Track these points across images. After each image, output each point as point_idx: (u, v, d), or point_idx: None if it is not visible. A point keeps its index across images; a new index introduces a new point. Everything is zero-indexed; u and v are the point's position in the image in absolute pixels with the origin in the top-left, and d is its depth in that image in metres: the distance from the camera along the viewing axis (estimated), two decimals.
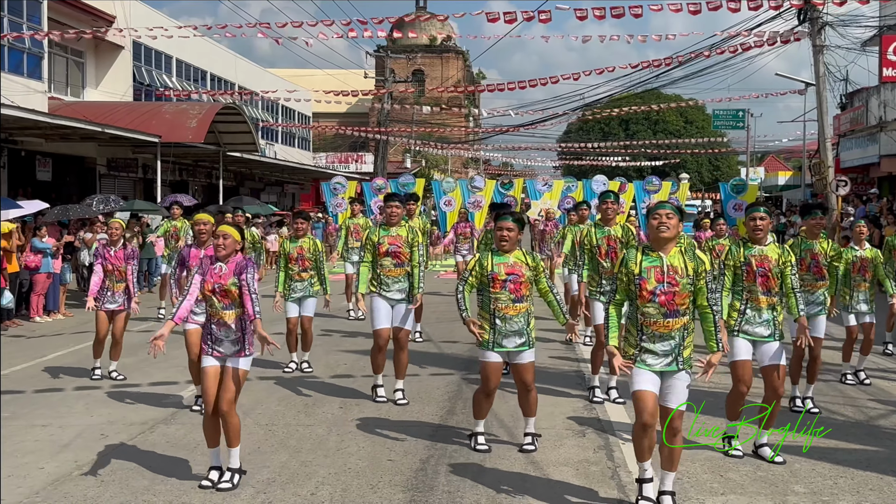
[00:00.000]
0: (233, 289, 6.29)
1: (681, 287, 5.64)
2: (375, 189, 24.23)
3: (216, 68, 40.33)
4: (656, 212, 5.77)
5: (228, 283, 6.29)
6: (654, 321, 5.66)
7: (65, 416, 8.36)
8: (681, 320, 5.66)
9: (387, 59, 50.35)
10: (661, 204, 5.87)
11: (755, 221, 7.04)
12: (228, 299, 6.32)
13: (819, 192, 28.99)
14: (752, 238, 7.08)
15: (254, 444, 7.35)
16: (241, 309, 6.32)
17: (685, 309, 5.68)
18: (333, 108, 42.44)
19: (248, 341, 6.37)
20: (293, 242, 10.28)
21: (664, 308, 5.64)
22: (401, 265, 8.76)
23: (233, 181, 39.43)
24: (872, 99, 31.13)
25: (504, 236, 6.81)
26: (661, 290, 5.63)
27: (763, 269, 6.97)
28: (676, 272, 5.66)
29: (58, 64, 28.51)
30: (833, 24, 23.35)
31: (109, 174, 29.38)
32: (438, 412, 8.53)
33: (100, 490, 6.23)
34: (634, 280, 5.70)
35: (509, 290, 6.77)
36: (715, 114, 50.65)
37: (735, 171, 65.12)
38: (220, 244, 6.31)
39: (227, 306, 6.33)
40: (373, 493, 6.16)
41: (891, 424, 8.20)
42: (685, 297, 5.67)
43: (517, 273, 6.78)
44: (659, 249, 5.73)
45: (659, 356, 5.67)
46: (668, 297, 5.63)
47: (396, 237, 8.77)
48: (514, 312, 6.78)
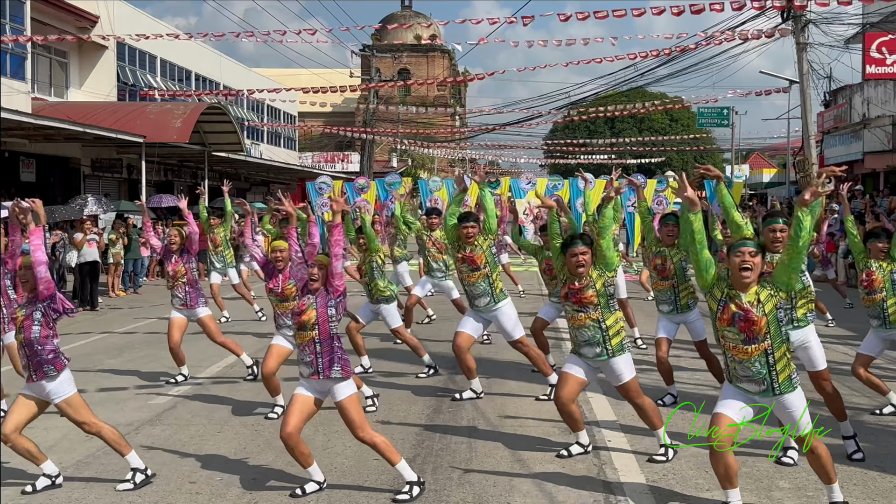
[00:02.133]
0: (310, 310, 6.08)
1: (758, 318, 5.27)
2: (358, 188, 24.20)
3: (201, 68, 40.20)
4: (739, 249, 5.33)
5: (306, 307, 6.08)
6: (733, 346, 5.38)
7: (50, 418, 8.29)
8: (761, 346, 5.30)
9: (372, 58, 50.34)
10: (746, 241, 5.39)
11: (775, 233, 6.84)
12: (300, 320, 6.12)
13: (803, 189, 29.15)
14: (770, 249, 6.79)
15: (240, 444, 7.34)
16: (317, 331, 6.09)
17: (765, 335, 5.29)
18: (319, 108, 42.27)
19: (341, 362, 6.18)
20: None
21: (742, 335, 5.30)
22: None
23: (218, 181, 39.24)
24: (856, 96, 31.30)
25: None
26: (740, 318, 5.29)
27: None
28: (753, 307, 5.29)
29: (41, 64, 28.37)
30: (816, 22, 23.48)
31: (94, 175, 29.27)
32: (425, 411, 8.53)
33: (84, 492, 6.20)
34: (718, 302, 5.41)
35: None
36: (700, 112, 50.74)
37: (720, 168, 65.25)
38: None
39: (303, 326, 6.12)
40: (359, 492, 6.16)
41: (874, 420, 8.24)
42: (763, 322, 5.27)
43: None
44: (740, 290, 5.33)
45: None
46: (748, 325, 5.28)
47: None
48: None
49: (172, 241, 9.84)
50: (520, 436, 7.43)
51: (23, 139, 23.46)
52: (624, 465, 6.70)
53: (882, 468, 6.65)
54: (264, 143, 48.39)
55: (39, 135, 23.23)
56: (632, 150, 59.48)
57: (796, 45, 23.57)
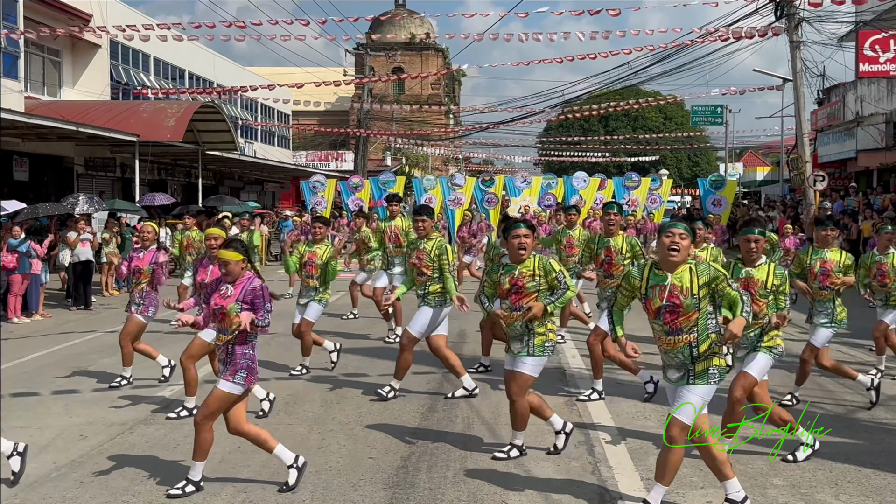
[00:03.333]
0: (232, 314, 6.01)
1: (685, 307, 5.40)
2: (352, 187, 24.18)
3: (194, 67, 40.15)
4: (669, 230, 5.50)
5: (230, 307, 6.03)
6: (662, 339, 5.53)
7: (43, 418, 8.30)
8: (686, 338, 5.44)
9: (366, 56, 50.29)
10: (676, 223, 5.58)
11: (749, 244, 6.66)
12: (227, 324, 6.04)
13: (797, 188, 29.22)
14: (745, 259, 6.71)
15: (234, 443, 7.32)
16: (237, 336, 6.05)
17: (691, 327, 5.42)
18: (313, 108, 42.22)
19: (237, 365, 6.05)
20: (309, 247, 10.03)
21: (668, 326, 5.45)
22: (422, 275, 8.81)
23: (212, 180, 39.26)
24: (849, 94, 31.35)
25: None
26: (666, 310, 5.43)
27: (747, 294, 6.44)
28: (681, 291, 5.42)
29: (34, 63, 28.31)
30: (810, 20, 23.51)
31: (87, 174, 29.21)
32: (419, 410, 8.52)
33: (78, 491, 6.19)
34: (640, 298, 5.59)
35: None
36: (693, 110, 50.85)
37: (714, 166, 65.41)
38: (224, 272, 6.14)
39: (226, 329, 6.06)
40: (354, 491, 6.15)
41: (868, 417, 8.26)
42: (691, 316, 5.41)
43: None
44: (667, 269, 5.49)
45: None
46: (673, 317, 5.42)
47: (423, 251, 8.79)
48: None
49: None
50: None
51: (16, 138, 23.39)
52: (618, 464, 6.70)
53: (876, 465, 6.66)
54: (258, 141, 48.35)
55: (33, 134, 23.16)
56: (626, 148, 59.52)
57: (790, 43, 23.61)
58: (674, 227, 5.48)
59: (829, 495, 6.03)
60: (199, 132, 30.20)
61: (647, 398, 8.71)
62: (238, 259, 6.10)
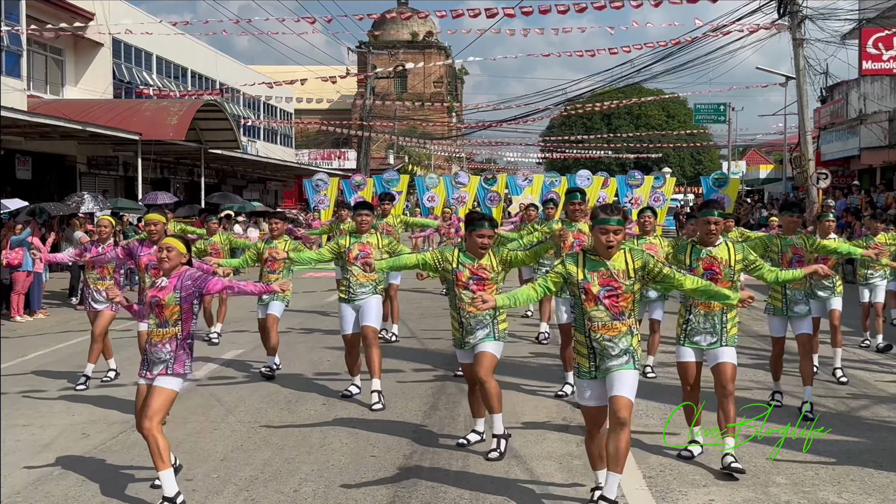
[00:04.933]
0: (173, 304, 5.89)
1: (624, 289, 5.48)
2: (354, 185, 24.18)
3: (197, 65, 40.14)
4: (604, 226, 5.50)
5: (167, 297, 5.90)
6: (601, 325, 5.49)
7: (46, 416, 8.31)
8: (627, 322, 5.51)
9: (369, 55, 50.28)
10: (608, 218, 5.50)
11: (709, 225, 6.64)
12: (166, 315, 5.90)
13: (800, 186, 29.18)
14: (703, 240, 6.72)
15: (236, 441, 7.33)
16: (180, 327, 5.92)
17: (630, 311, 5.53)
18: (315, 105, 42.19)
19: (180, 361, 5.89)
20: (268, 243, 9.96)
21: (609, 312, 5.47)
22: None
23: (214, 178, 39.27)
24: (852, 92, 31.30)
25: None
26: (605, 294, 5.46)
27: (712, 272, 6.59)
28: (619, 275, 5.49)
29: (37, 61, 28.31)
30: (812, 18, 23.48)
31: (90, 172, 29.22)
32: (422, 408, 8.52)
33: (81, 489, 6.19)
34: (579, 284, 5.53)
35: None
36: (696, 108, 50.80)
37: (717, 165, 65.37)
38: (163, 257, 5.93)
39: (164, 322, 5.91)
40: (356, 489, 6.15)
41: (871, 415, 8.25)
42: (629, 298, 5.51)
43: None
44: (604, 257, 5.55)
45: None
46: (612, 301, 5.48)
47: (366, 244, 8.70)
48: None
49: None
50: (516, 432, 7.41)
51: (18, 137, 23.38)
52: None
53: (879, 464, 6.65)
54: (261, 140, 48.35)
55: (35, 132, 23.17)
56: (629, 146, 59.46)
57: (793, 41, 23.57)
58: (608, 222, 5.47)
59: (832, 493, 6.02)
60: (201, 131, 30.20)
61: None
62: (182, 251, 5.98)
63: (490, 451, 6.84)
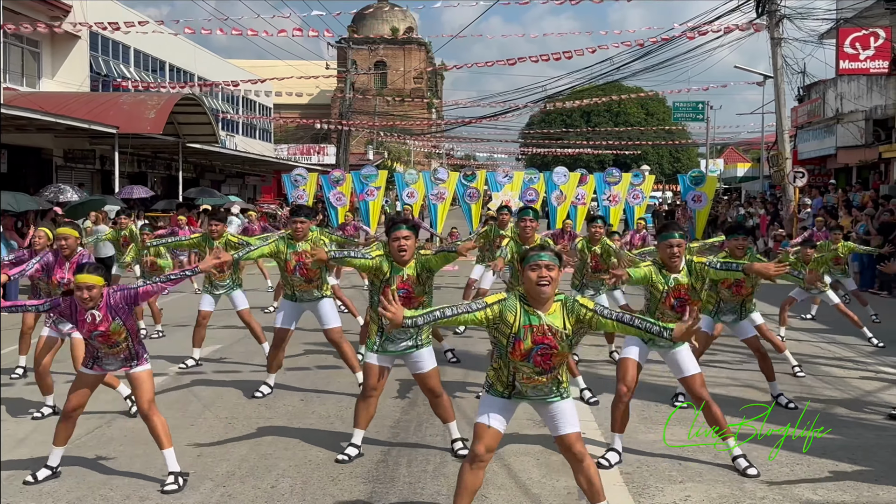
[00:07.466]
0: (118, 330, 6.06)
1: (560, 349, 4.95)
2: (333, 181, 24.10)
3: (175, 59, 39.87)
4: (535, 262, 4.86)
5: (110, 328, 6.03)
6: (526, 377, 5.02)
7: (22, 410, 8.23)
8: (555, 373, 5.05)
9: (348, 50, 50.17)
10: (540, 254, 4.88)
11: (672, 249, 6.49)
12: (114, 340, 6.09)
13: (777, 184, 29.38)
14: (667, 264, 6.56)
15: (214, 437, 7.30)
16: (129, 338, 6.17)
17: (561, 364, 5.04)
18: (295, 100, 42.02)
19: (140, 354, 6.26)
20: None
21: (538, 368, 4.97)
22: (310, 281, 8.66)
23: (193, 173, 39.06)
24: (829, 91, 31.52)
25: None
26: (538, 353, 4.91)
27: (681, 300, 6.54)
28: (556, 335, 4.92)
29: (13, 54, 28.05)
30: (791, 17, 23.64)
31: (66, 166, 28.99)
32: (400, 404, 8.52)
33: (56, 484, 6.15)
34: (509, 337, 4.93)
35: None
36: (675, 106, 51.02)
37: (695, 162, 65.74)
38: (86, 297, 5.88)
39: (115, 344, 6.11)
40: (333, 484, 6.14)
41: (845, 412, 8.32)
42: (564, 356, 5.01)
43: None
44: (536, 306, 4.92)
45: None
46: (545, 359, 4.95)
47: (302, 253, 8.55)
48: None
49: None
50: None
51: None
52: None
53: (853, 460, 6.71)
54: (240, 134, 48.12)
55: (11, 125, 22.94)
56: (608, 143, 59.61)
57: (771, 40, 23.73)
58: (539, 258, 4.87)
59: (807, 490, 6.07)
60: (179, 124, 30.02)
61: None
62: (101, 284, 5.96)
63: (456, 444, 6.84)
